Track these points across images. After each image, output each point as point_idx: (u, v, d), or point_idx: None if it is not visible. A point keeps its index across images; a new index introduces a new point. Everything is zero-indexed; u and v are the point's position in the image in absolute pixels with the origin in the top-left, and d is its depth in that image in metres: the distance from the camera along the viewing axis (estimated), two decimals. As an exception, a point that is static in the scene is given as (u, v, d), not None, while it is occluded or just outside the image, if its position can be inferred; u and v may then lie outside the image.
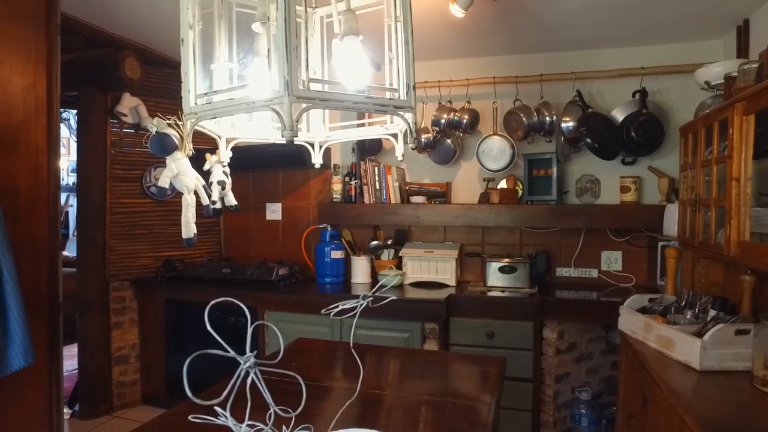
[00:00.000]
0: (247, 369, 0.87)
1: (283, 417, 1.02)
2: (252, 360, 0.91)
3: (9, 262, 1.75)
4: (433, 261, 3.15)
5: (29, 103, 1.94)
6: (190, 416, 0.90)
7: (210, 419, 0.89)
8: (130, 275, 3.31)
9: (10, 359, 1.74)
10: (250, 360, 0.91)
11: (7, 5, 1.85)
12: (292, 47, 0.89)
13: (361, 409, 1.35)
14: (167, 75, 3.41)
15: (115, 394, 3.31)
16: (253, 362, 0.91)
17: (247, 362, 0.91)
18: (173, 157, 1.28)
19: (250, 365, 0.89)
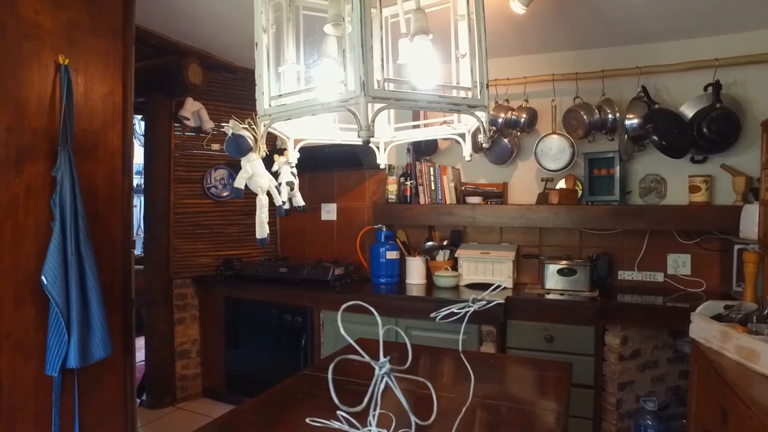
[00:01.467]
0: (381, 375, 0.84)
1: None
2: (387, 366, 0.88)
3: (91, 261, 1.86)
4: (489, 262, 3.10)
5: (107, 110, 2.05)
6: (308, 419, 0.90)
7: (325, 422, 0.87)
8: (192, 273, 3.45)
9: (93, 350, 1.85)
10: (386, 366, 0.88)
11: (90, 18, 1.96)
12: (367, 47, 0.89)
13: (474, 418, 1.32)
14: (226, 79, 3.53)
15: (178, 387, 3.44)
16: (389, 368, 0.88)
17: (383, 368, 0.88)
18: (248, 158, 1.31)
19: (387, 371, 0.86)
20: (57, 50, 1.85)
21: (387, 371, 0.83)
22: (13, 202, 1.73)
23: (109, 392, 2.07)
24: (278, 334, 3.18)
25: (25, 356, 1.76)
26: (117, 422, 2.11)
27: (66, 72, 1.86)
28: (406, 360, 0.93)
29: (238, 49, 3.27)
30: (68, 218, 1.82)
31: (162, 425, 3.14)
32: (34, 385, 1.78)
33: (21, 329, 1.75)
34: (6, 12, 1.70)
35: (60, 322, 1.78)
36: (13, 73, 1.72)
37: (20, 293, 1.75)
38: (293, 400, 1.34)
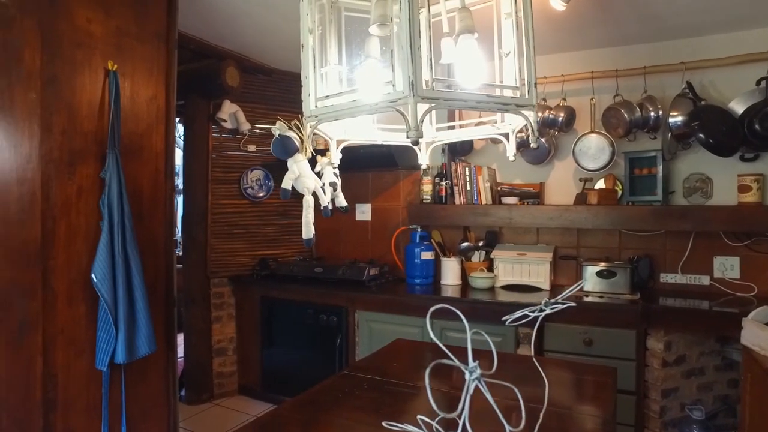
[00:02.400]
0: (472, 380, 0.82)
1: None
2: (478, 371, 0.85)
3: (136, 260, 1.92)
4: (525, 263, 3.06)
5: (152, 113, 2.11)
6: (384, 422, 0.88)
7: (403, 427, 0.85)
8: (229, 272, 3.51)
9: (138, 346, 1.91)
10: (477, 372, 0.85)
11: (136, 25, 2.02)
12: (415, 47, 0.89)
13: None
14: (262, 81, 3.59)
15: (215, 384, 3.52)
16: (480, 374, 0.85)
17: (474, 373, 0.85)
18: (294, 159, 1.32)
19: (477, 377, 0.83)
20: (106, 57, 1.92)
21: (478, 376, 0.79)
22: (67, 203, 1.80)
23: (153, 387, 2.12)
24: (313, 333, 3.21)
25: (77, 351, 1.82)
26: (160, 416, 2.17)
27: (114, 77, 1.92)
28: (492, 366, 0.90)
29: (274, 52, 3.31)
30: (116, 218, 1.88)
31: (200, 421, 3.21)
32: (86, 378, 1.85)
33: (73, 325, 1.82)
34: (63, 22, 1.77)
35: (108, 318, 1.84)
36: (68, 80, 1.79)
37: (73, 290, 1.82)
38: (334, 400, 1.34)
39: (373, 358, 1.73)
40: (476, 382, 0.80)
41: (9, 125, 1.62)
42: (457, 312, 0.87)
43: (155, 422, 2.14)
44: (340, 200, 1.50)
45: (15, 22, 1.63)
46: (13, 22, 1.62)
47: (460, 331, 2.76)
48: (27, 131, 1.68)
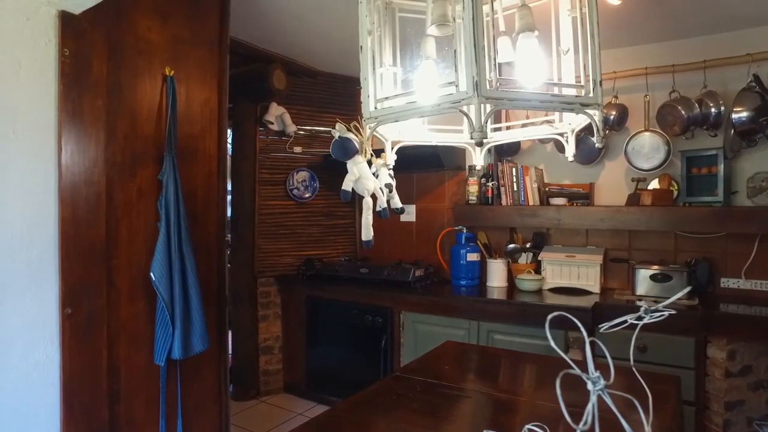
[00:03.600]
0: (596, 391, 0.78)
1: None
2: (602, 383, 0.80)
3: (191, 259, 1.98)
4: (574, 266, 2.98)
5: (205, 116, 2.17)
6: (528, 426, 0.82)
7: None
8: (275, 272, 3.58)
9: (193, 343, 1.96)
10: (600, 383, 0.80)
11: (191, 32, 2.09)
12: (479, 47, 0.88)
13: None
14: (308, 84, 3.64)
15: (261, 381, 3.59)
16: (604, 384, 0.80)
17: (597, 384, 0.80)
18: (354, 161, 1.33)
19: (601, 388, 0.79)
20: (164, 63, 1.98)
21: (601, 388, 0.74)
22: (128, 204, 1.87)
23: (206, 383, 2.18)
24: (358, 333, 3.23)
25: (137, 346, 1.90)
26: (212, 411, 2.22)
27: (171, 83, 1.99)
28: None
29: (320, 55, 3.36)
30: (172, 219, 1.94)
31: (247, 417, 3.28)
32: (145, 372, 1.92)
33: (133, 321, 1.89)
34: (127, 32, 1.85)
35: (166, 315, 1.90)
36: (130, 86, 1.86)
37: (133, 288, 1.90)
38: (388, 402, 1.34)
39: (424, 360, 1.72)
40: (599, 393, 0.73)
41: (79, 131, 1.70)
42: (574, 320, 0.82)
43: (208, 417, 2.20)
44: (396, 202, 1.49)
45: (86, 34, 1.71)
46: (84, 35, 1.70)
47: (507, 334, 2.72)
48: (94, 136, 1.76)
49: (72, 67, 1.68)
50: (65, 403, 1.67)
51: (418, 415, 1.29)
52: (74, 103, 1.70)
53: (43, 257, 1.63)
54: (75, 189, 1.71)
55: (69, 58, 1.67)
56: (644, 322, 0.84)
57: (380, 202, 1.45)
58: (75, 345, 1.71)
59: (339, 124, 1.34)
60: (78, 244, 1.72)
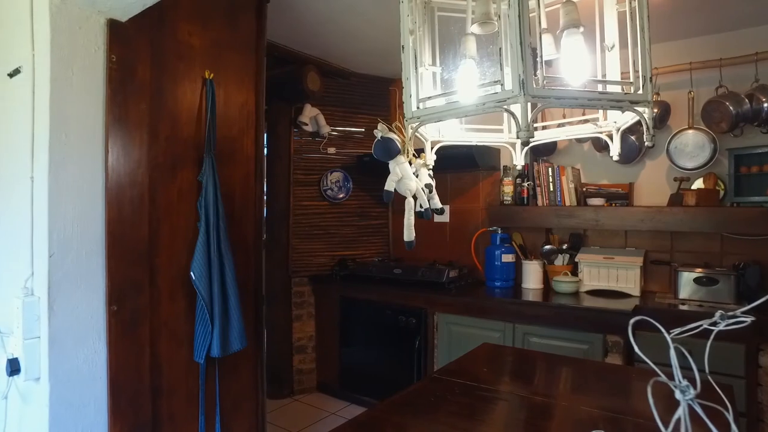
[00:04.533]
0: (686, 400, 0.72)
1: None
2: (692, 392, 0.73)
3: (229, 259, 2.01)
4: (613, 268, 2.90)
5: (243, 118, 2.21)
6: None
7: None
8: (309, 272, 3.61)
9: (231, 341, 2.00)
10: (690, 392, 0.73)
11: (230, 36, 2.13)
12: (525, 44, 0.86)
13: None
14: (341, 85, 3.67)
15: (295, 380, 3.63)
16: (693, 394, 0.73)
17: (687, 393, 0.73)
18: (396, 161, 1.33)
19: (691, 398, 0.72)
20: (203, 66, 2.03)
21: (691, 397, 0.70)
22: (169, 205, 1.92)
23: (243, 381, 2.22)
24: (391, 334, 3.22)
25: (177, 343, 1.94)
26: (249, 409, 2.26)
27: (211, 86, 2.03)
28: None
29: (353, 56, 3.37)
30: (211, 219, 1.98)
31: (281, 415, 3.32)
32: (185, 369, 1.97)
33: (174, 319, 1.94)
34: (168, 38, 1.90)
35: (205, 314, 1.94)
36: (172, 90, 1.91)
37: (174, 286, 1.94)
38: (428, 404, 1.33)
39: (462, 362, 1.71)
40: (688, 402, 0.68)
41: (125, 134, 1.76)
42: (656, 324, 0.77)
43: (245, 414, 2.24)
44: (435, 202, 1.48)
45: (132, 40, 1.76)
46: (130, 41, 1.76)
47: (543, 336, 2.67)
48: (137, 139, 1.81)
49: (118, 72, 1.73)
50: (112, 397, 1.72)
51: (458, 417, 1.27)
52: (120, 108, 1.75)
53: (91, 256, 1.69)
54: (120, 190, 1.76)
55: (116, 64, 1.72)
56: (720, 329, 0.79)
57: (422, 203, 1.44)
58: (120, 341, 1.76)
59: (381, 124, 1.34)
60: (123, 244, 1.77)
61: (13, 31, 1.76)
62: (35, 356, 1.59)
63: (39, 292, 1.61)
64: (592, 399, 1.47)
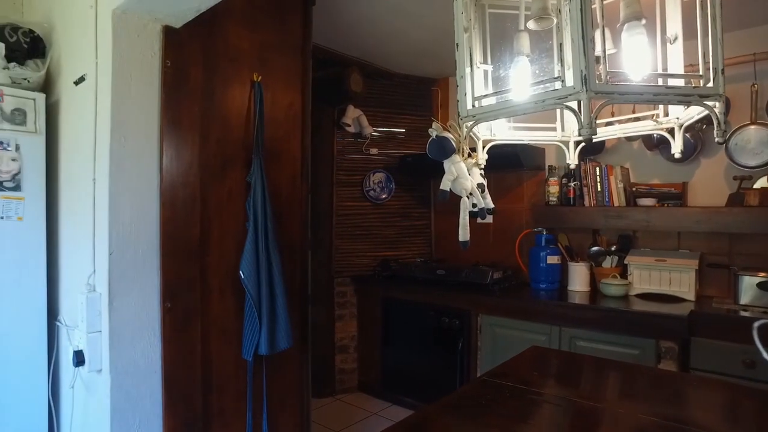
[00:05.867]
0: None
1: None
2: None
3: (277, 259, 2.04)
4: (665, 271, 2.79)
5: (290, 119, 2.24)
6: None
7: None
8: (351, 272, 3.64)
9: (278, 340, 2.03)
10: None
11: (277, 38, 2.17)
12: (588, 39, 0.83)
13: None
14: (383, 86, 3.68)
15: (337, 380, 3.66)
16: None
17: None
18: (452, 160, 1.32)
19: None
20: (252, 69, 2.07)
21: None
22: (220, 205, 1.97)
23: (289, 380, 2.25)
24: (434, 335, 3.20)
25: (227, 341, 1.99)
26: (294, 407, 2.29)
27: (259, 88, 2.07)
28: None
29: (396, 56, 3.38)
30: (259, 219, 2.02)
31: (323, 414, 3.35)
32: (234, 366, 2.01)
33: (224, 317, 1.99)
34: (219, 41, 1.95)
35: (254, 312, 1.98)
36: (222, 93, 1.96)
37: (223, 285, 1.99)
38: (478, 407, 1.31)
39: (511, 365, 1.67)
40: None
41: (178, 137, 1.82)
42: None
43: (291, 412, 2.27)
44: (488, 201, 1.46)
45: (185, 45, 1.82)
46: (183, 46, 1.82)
47: (591, 340, 2.59)
48: (190, 141, 1.86)
49: (173, 77, 1.79)
50: (166, 390, 1.78)
51: (509, 420, 1.25)
52: (174, 111, 1.81)
53: (146, 254, 1.75)
54: (174, 191, 1.82)
55: (170, 68, 1.78)
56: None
57: (476, 202, 1.42)
58: (173, 337, 1.82)
59: (435, 123, 1.33)
60: (176, 243, 1.83)
61: (79, 43, 1.85)
62: (97, 349, 1.66)
63: (100, 289, 1.69)
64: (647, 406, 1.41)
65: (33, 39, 1.92)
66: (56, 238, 2.01)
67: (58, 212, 2.01)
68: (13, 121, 1.83)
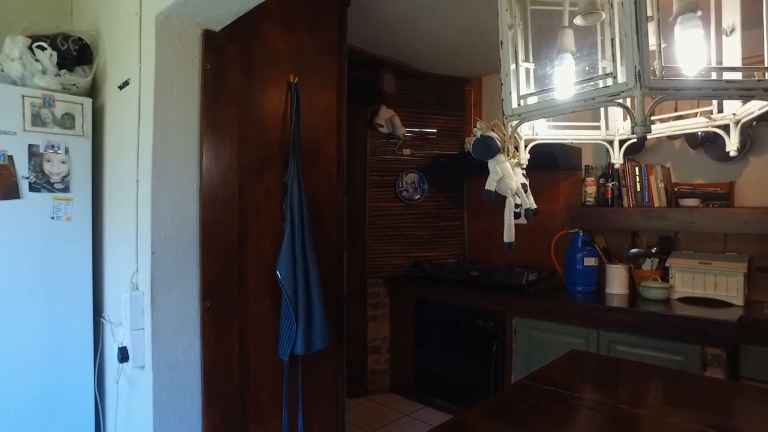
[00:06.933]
0: None
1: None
2: None
3: (313, 259, 2.06)
4: (710, 274, 2.68)
5: (326, 120, 2.26)
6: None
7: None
8: (384, 273, 3.63)
9: (314, 340, 2.04)
10: None
11: (313, 40, 2.19)
12: (642, 33, 0.80)
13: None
14: (416, 86, 3.66)
15: (369, 380, 3.66)
16: None
17: None
18: (497, 160, 1.30)
19: None
20: (288, 71, 2.09)
21: None
22: (257, 205, 2.00)
23: (324, 380, 2.26)
24: (467, 337, 3.17)
25: (263, 340, 2.01)
26: (329, 407, 2.30)
27: (296, 89, 2.09)
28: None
29: (429, 56, 3.36)
30: (296, 220, 2.03)
31: (356, 414, 3.36)
32: (270, 366, 2.03)
33: (261, 317, 2.01)
34: (257, 44, 1.98)
35: (290, 312, 2.00)
36: (259, 95, 1.99)
37: (260, 285, 2.01)
38: (521, 411, 1.29)
39: (551, 369, 1.64)
40: None
41: (217, 138, 1.85)
42: None
43: (325, 412, 2.28)
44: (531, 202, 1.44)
45: (223, 49, 1.86)
46: (222, 49, 1.85)
47: (632, 345, 2.51)
48: (228, 143, 1.90)
49: (212, 80, 1.83)
50: (205, 388, 1.81)
51: (553, 426, 1.22)
52: (213, 113, 1.84)
53: (187, 254, 1.79)
54: (213, 191, 1.86)
55: (210, 71, 1.82)
56: None
57: (524, 202, 1.40)
58: (212, 336, 1.85)
59: (480, 122, 1.32)
60: (215, 243, 1.86)
61: (124, 49, 1.90)
62: (140, 346, 1.71)
63: (143, 287, 1.73)
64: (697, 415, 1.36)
65: (81, 47, 1.99)
66: (101, 238, 2.08)
67: (103, 212, 2.08)
68: (63, 125, 1.90)
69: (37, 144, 1.85)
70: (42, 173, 1.86)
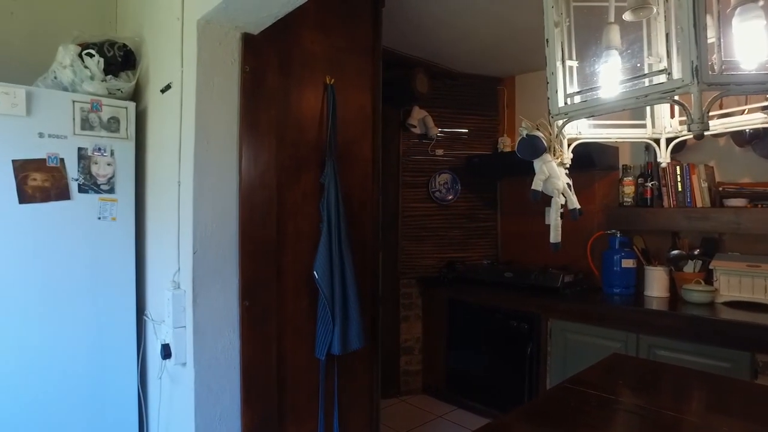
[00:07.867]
0: None
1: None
2: None
3: (349, 259, 2.07)
4: (759, 277, 2.57)
5: (361, 121, 2.27)
6: None
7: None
8: (417, 274, 3.62)
9: (350, 340, 2.05)
10: None
11: (348, 41, 2.20)
12: (701, 27, 0.77)
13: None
14: (448, 86, 3.65)
15: (401, 381, 3.65)
16: None
17: None
18: (543, 159, 1.28)
19: None
20: (325, 72, 2.11)
21: None
22: (294, 206, 2.02)
23: (360, 380, 2.27)
24: (501, 339, 3.13)
25: (300, 340, 2.03)
26: (364, 407, 2.31)
27: (332, 91, 2.10)
28: None
29: (461, 56, 3.34)
30: (333, 220, 2.05)
31: (388, 415, 3.35)
32: (307, 366, 2.05)
33: (298, 316, 2.03)
34: (294, 46, 2.00)
35: (327, 312, 2.01)
36: (297, 96, 2.01)
37: (298, 285, 2.04)
38: (564, 415, 1.26)
39: (593, 372, 1.60)
40: None
41: (255, 139, 1.88)
42: None
43: (360, 412, 2.28)
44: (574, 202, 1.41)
45: (262, 51, 1.88)
46: (260, 52, 1.88)
47: (674, 350, 2.43)
48: (266, 144, 1.92)
49: (251, 82, 1.86)
50: (244, 386, 1.84)
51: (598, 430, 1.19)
52: (252, 115, 1.87)
53: (227, 254, 1.82)
54: (252, 192, 1.88)
55: (249, 74, 1.85)
56: None
57: (571, 203, 1.37)
58: (251, 335, 1.88)
59: (525, 121, 1.30)
60: (254, 243, 1.89)
61: (166, 53, 1.95)
62: (182, 344, 1.75)
63: (184, 286, 1.77)
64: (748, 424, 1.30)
65: (126, 53, 2.05)
66: (143, 237, 2.14)
67: (145, 212, 2.14)
68: (109, 128, 1.96)
69: (85, 147, 1.92)
70: (90, 175, 1.93)
